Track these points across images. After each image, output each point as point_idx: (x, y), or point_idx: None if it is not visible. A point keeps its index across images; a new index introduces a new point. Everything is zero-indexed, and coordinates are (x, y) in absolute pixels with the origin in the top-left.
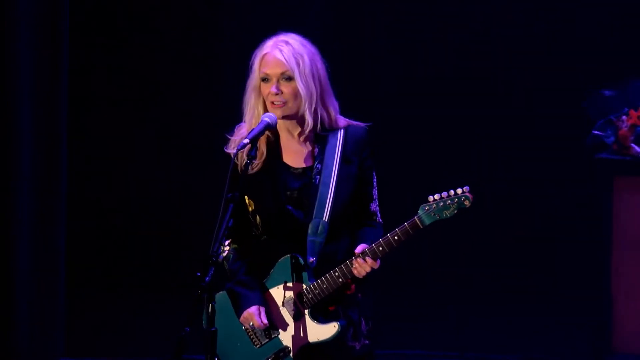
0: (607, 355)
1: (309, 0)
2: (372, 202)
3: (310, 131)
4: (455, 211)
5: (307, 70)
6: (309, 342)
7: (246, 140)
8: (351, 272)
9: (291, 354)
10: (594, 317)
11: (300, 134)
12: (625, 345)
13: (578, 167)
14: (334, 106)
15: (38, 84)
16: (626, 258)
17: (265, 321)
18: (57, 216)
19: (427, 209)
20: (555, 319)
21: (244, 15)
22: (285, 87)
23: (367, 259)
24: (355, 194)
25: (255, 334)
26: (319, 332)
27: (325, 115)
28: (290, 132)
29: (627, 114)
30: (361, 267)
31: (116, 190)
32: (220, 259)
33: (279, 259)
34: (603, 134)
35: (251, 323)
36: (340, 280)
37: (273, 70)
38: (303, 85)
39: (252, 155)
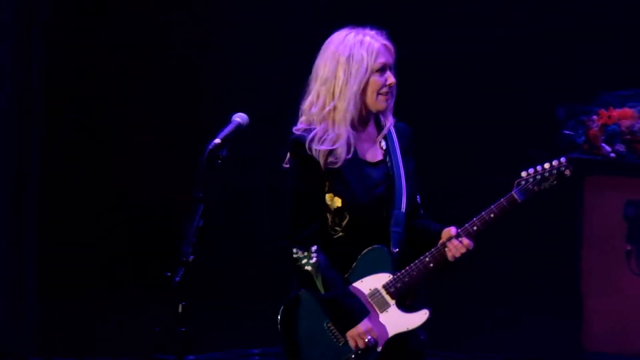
0: (577, 353)
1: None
2: (419, 194)
3: (375, 126)
4: (555, 182)
5: None
6: (398, 332)
7: (218, 140)
8: (444, 256)
9: (379, 347)
10: (565, 316)
11: (370, 128)
12: (595, 344)
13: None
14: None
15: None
16: (596, 257)
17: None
18: (27, 216)
19: (524, 184)
20: (527, 318)
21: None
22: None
23: (464, 239)
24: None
25: (337, 331)
26: (409, 320)
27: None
28: (363, 127)
29: (597, 114)
30: (457, 249)
31: (88, 189)
32: (309, 266)
33: (360, 252)
34: (574, 133)
35: (367, 339)
36: (432, 265)
37: (390, 60)
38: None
39: (221, 155)
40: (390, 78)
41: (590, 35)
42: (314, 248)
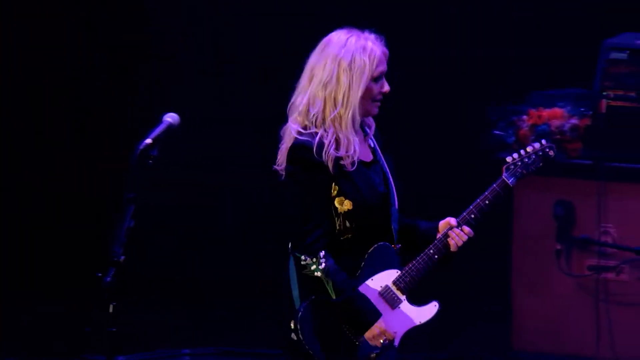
0: (507, 352)
1: None
2: None
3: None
4: (541, 163)
5: None
6: (412, 326)
7: (149, 140)
8: (447, 246)
9: (395, 343)
10: (496, 315)
11: (360, 130)
12: (525, 343)
13: (480, 166)
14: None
15: None
16: (526, 256)
17: (394, 329)
18: None
19: (513, 168)
20: (458, 317)
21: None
22: None
23: (464, 228)
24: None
25: None
26: (421, 314)
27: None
28: (357, 129)
29: (527, 114)
30: (459, 237)
31: (18, 189)
32: (318, 272)
33: (365, 251)
34: (504, 134)
35: (382, 339)
36: (436, 257)
37: (386, 68)
38: None
39: (153, 155)
40: (385, 85)
41: (520, 36)
42: (322, 253)
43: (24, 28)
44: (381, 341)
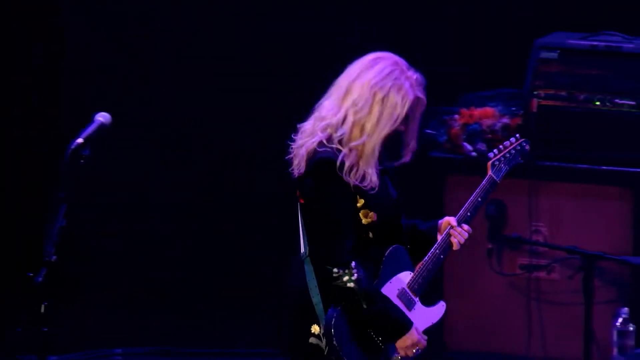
0: (440, 352)
1: None
2: None
3: None
4: (520, 158)
5: None
6: (425, 327)
7: (80, 140)
8: (451, 245)
9: None
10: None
11: None
12: (458, 342)
13: (411, 166)
14: None
15: None
16: (458, 255)
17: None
18: None
19: (497, 164)
20: None
21: None
22: None
23: (464, 225)
24: None
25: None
26: (431, 315)
27: None
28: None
29: (459, 113)
30: (461, 235)
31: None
32: (351, 283)
33: (382, 254)
34: (435, 132)
35: (416, 349)
36: (442, 257)
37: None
38: None
39: (84, 155)
40: (402, 125)
41: (452, 37)
42: (353, 264)
43: None
44: (414, 351)
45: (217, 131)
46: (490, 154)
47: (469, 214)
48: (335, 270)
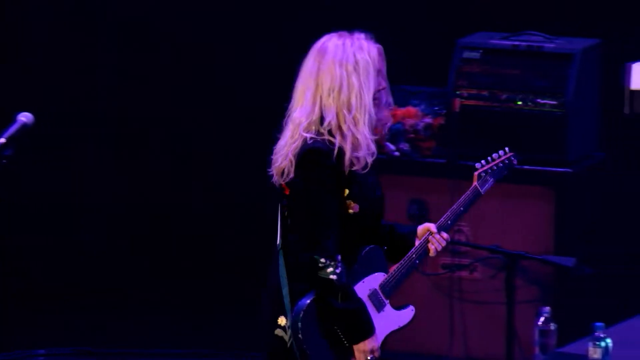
0: None
1: None
2: None
3: None
4: (506, 171)
5: None
6: (392, 330)
7: (2, 140)
8: (427, 251)
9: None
10: None
11: None
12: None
13: None
14: None
15: None
16: None
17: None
18: None
19: (484, 176)
20: None
21: None
22: None
23: (442, 233)
24: None
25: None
26: (400, 318)
27: None
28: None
29: None
30: (439, 242)
31: None
32: (334, 275)
33: (358, 252)
34: None
35: (370, 357)
36: (417, 262)
37: (383, 65)
38: None
39: (7, 155)
40: (382, 82)
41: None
42: (339, 257)
43: None
44: (369, 358)
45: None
46: (478, 165)
47: (449, 222)
48: (322, 260)
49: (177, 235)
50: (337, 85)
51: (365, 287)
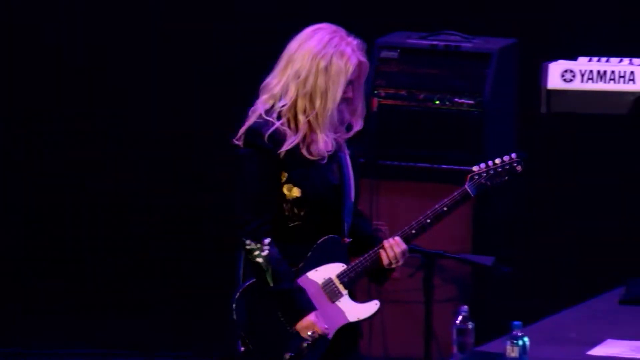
0: None
1: None
2: None
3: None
4: (507, 177)
5: None
6: (348, 322)
7: None
8: (380, 258)
9: (329, 336)
10: None
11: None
12: None
13: None
14: None
15: None
16: None
17: (326, 325)
18: None
19: (477, 178)
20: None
21: None
22: None
23: (399, 244)
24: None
25: None
26: (360, 311)
27: None
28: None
29: None
30: (391, 249)
31: None
32: (260, 258)
33: (314, 241)
34: None
35: (310, 332)
36: (368, 263)
37: (354, 77)
38: None
39: None
40: (348, 92)
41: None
42: (266, 241)
43: None
44: (309, 333)
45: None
46: (475, 167)
47: (428, 220)
48: (247, 242)
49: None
50: (304, 75)
51: (319, 275)
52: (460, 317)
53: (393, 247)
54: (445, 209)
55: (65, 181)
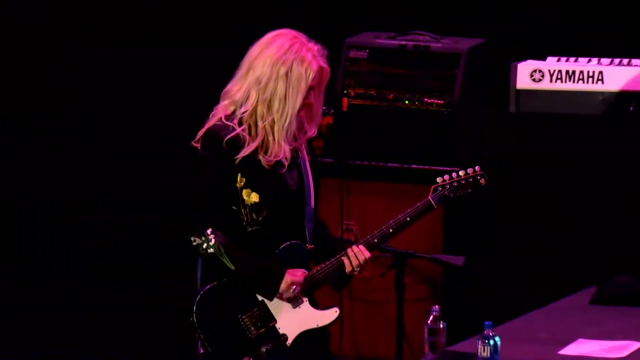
0: None
1: None
2: None
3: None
4: (470, 190)
5: None
6: (307, 329)
7: None
8: (343, 265)
9: (288, 342)
10: None
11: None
12: None
13: None
14: None
15: None
16: None
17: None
18: None
19: (441, 190)
20: None
21: None
22: None
23: (361, 247)
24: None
25: (249, 324)
26: (319, 318)
27: None
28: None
29: None
30: (356, 256)
31: None
32: (211, 248)
33: (276, 247)
34: None
35: (294, 287)
36: (331, 270)
37: (315, 84)
38: None
39: None
40: (309, 98)
41: None
42: (208, 230)
43: None
44: (291, 291)
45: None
46: (439, 179)
47: (391, 230)
48: (192, 239)
49: None
50: (265, 81)
51: None
52: (431, 317)
53: (357, 255)
54: (408, 219)
55: (61, 176)
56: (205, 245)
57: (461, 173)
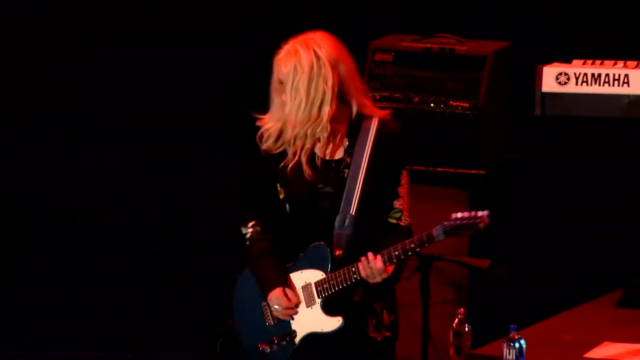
0: None
1: None
2: (398, 199)
3: (342, 124)
4: (469, 232)
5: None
6: (313, 331)
7: None
8: (359, 270)
9: (296, 339)
10: None
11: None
12: None
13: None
14: (359, 99)
15: None
16: None
17: (291, 300)
18: None
19: (446, 225)
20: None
21: None
22: None
23: (377, 258)
24: (383, 189)
25: (269, 312)
26: (323, 323)
27: (354, 107)
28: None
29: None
30: (365, 267)
31: None
32: (247, 241)
33: (308, 245)
34: None
35: (276, 306)
36: (355, 277)
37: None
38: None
39: None
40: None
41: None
42: (251, 223)
43: None
44: (276, 307)
45: None
46: (453, 214)
47: (396, 252)
48: (242, 230)
49: None
50: (302, 87)
51: (302, 278)
52: (457, 320)
53: (370, 263)
54: (412, 245)
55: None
56: (247, 236)
57: (465, 214)
